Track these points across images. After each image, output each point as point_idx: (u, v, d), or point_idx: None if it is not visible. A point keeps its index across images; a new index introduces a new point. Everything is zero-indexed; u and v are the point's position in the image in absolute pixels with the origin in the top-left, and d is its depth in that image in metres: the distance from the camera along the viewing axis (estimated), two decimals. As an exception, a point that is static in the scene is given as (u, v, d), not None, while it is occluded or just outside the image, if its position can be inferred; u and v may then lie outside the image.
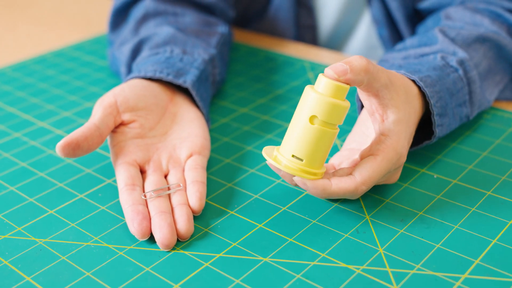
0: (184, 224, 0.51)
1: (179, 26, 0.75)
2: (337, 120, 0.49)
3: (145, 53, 0.70)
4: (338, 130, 0.50)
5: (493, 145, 0.63)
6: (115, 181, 0.59)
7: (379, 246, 0.50)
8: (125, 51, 0.73)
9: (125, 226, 0.53)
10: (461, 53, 0.63)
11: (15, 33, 1.01)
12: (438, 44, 0.65)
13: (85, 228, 0.53)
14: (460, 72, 0.62)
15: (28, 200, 0.57)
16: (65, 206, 0.56)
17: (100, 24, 1.02)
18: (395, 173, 0.55)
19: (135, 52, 0.72)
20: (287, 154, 0.50)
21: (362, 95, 0.53)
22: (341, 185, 0.50)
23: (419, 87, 0.58)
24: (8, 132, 0.69)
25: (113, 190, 0.58)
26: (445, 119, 0.60)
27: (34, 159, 0.63)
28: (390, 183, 0.56)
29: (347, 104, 0.49)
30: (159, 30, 0.73)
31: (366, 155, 0.52)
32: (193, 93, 0.64)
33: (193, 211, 0.53)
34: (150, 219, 0.52)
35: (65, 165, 0.62)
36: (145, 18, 0.77)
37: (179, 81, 0.64)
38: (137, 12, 0.78)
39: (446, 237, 0.50)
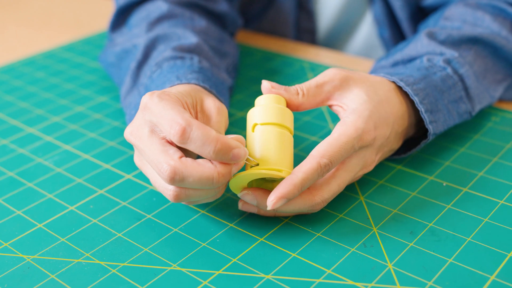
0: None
1: (200, 35, 0.69)
2: (275, 118, 0.50)
3: (167, 53, 0.63)
4: (285, 131, 0.50)
5: (503, 150, 0.60)
6: (107, 191, 0.56)
7: (388, 261, 0.47)
8: (139, 44, 0.67)
9: (118, 241, 0.50)
10: (449, 53, 0.62)
11: (4, 34, 0.98)
12: (424, 47, 0.63)
13: (76, 243, 0.50)
14: (449, 70, 0.60)
15: (15, 212, 0.54)
16: (55, 219, 0.53)
17: (91, 25, 0.99)
18: (368, 156, 0.53)
19: (149, 48, 0.66)
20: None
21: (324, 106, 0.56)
22: (302, 167, 0.48)
23: (400, 88, 0.57)
24: (-5, 139, 0.66)
25: (106, 202, 0.55)
26: (439, 115, 0.58)
27: (22, 168, 0.60)
28: (367, 171, 0.54)
29: (283, 106, 0.52)
30: (180, 31, 0.68)
31: None
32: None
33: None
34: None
35: (55, 174, 0.59)
36: (160, 19, 0.71)
37: (222, 98, 0.60)
38: (152, 13, 0.72)
39: (458, 251, 0.47)
